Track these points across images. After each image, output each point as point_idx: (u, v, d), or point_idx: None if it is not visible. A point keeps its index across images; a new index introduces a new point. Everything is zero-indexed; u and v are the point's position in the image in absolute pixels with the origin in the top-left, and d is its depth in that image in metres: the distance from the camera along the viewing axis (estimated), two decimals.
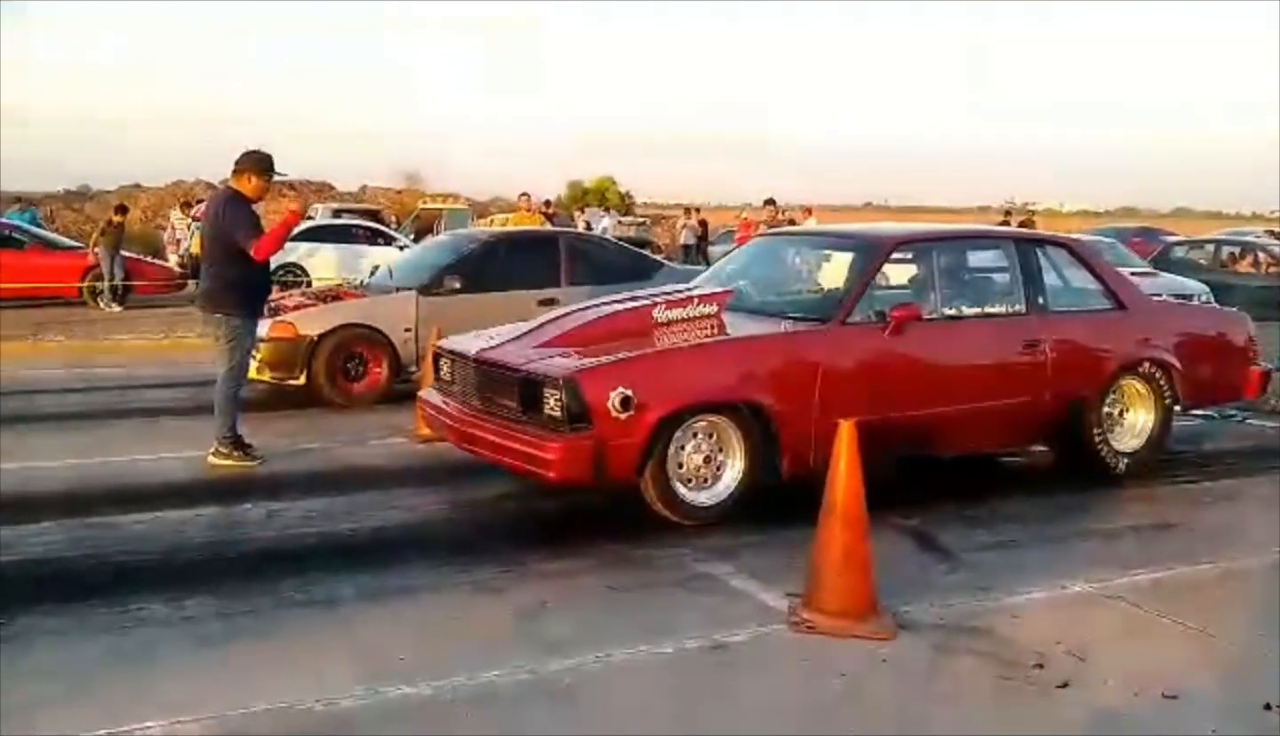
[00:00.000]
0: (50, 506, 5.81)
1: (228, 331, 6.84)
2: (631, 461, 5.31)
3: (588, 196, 41.44)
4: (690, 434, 5.51)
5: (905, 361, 5.99)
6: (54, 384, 10.26)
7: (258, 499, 6.05)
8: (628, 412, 5.21)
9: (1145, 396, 6.81)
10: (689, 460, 5.52)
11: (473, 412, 5.90)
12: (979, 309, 6.53)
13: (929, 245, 6.65)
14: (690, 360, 5.65)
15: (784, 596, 4.50)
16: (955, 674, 3.92)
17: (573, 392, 5.20)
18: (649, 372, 5.43)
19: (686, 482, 5.52)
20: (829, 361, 5.74)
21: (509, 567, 4.97)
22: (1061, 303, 6.69)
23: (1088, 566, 5.04)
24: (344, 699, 3.57)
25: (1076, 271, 6.96)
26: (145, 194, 31.97)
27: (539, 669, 3.83)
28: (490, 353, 5.87)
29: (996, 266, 6.85)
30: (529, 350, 5.72)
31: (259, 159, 6.98)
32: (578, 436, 5.20)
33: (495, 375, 5.74)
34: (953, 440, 6.24)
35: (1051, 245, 7.07)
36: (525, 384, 5.46)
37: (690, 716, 3.58)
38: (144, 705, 3.48)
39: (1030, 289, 6.52)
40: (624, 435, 5.24)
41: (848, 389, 5.73)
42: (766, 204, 18.77)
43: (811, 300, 6.65)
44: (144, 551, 5.15)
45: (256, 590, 4.63)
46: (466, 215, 25.72)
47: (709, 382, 5.54)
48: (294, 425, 8.09)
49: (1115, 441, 6.72)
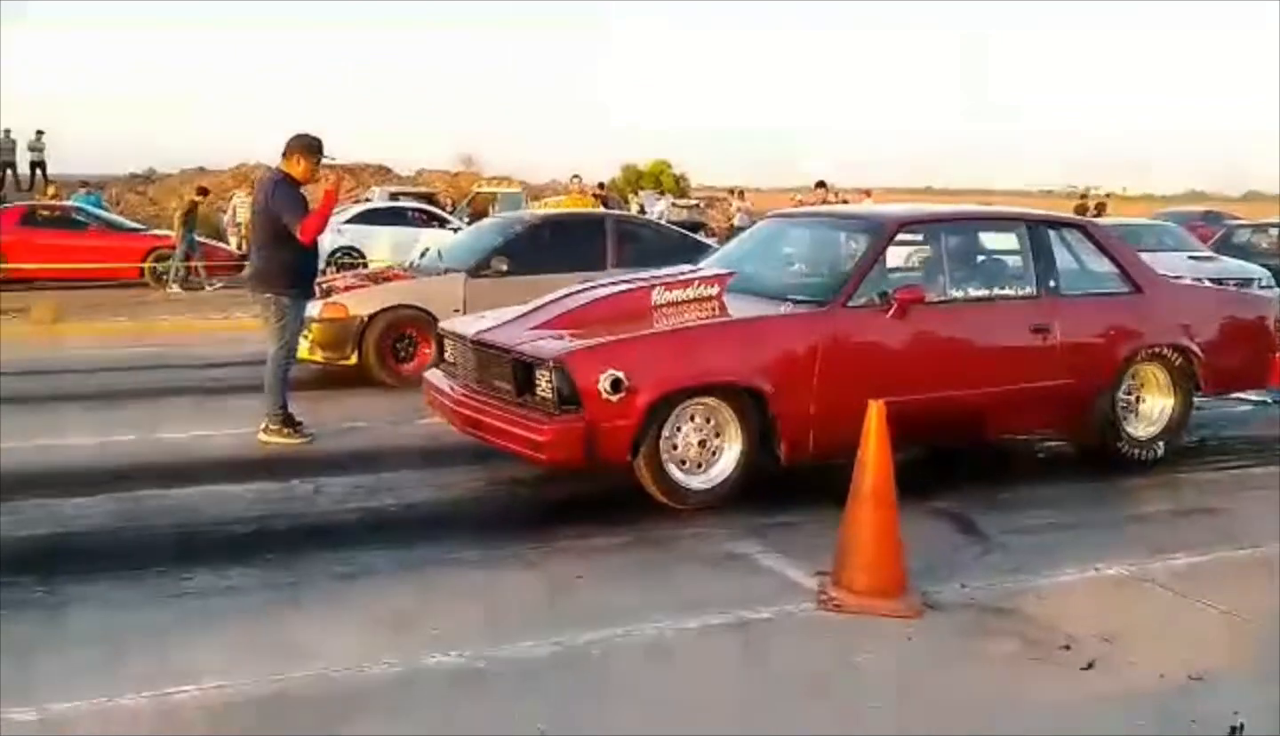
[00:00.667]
0: (105, 480, 6.00)
1: (277, 311, 6.99)
2: (623, 444, 5.26)
3: (643, 179, 41.41)
4: (686, 417, 5.44)
5: (908, 345, 5.85)
6: (112, 362, 10.51)
7: (306, 475, 6.19)
8: (619, 395, 5.16)
9: (1163, 382, 6.65)
10: (684, 443, 5.45)
11: (470, 394, 5.90)
12: (987, 291, 6.37)
13: (937, 226, 6.54)
14: (684, 342, 5.58)
15: (813, 575, 4.54)
16: (980, 653, 3.95)
17: (562, 375, 5.18)
18: (641, 355, 5.37)
19: (681, 465, 5.46)
20: (828, 344, 5.62)
21: (544, 543, 5.06)
22: (1074, 285, 6.51)
23: (1122, 550, 5.03)
24: (377, 666, 3.68)
25: (1091, 254, 6.77)
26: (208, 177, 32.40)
27: (568, 641, 3.92)
28: (486, 334, 5.85)
29: (1007, 248, 6.69)
30: (525, 331, 5.69)
31: (308, 142, 7.10)
32: (568, 419, 5.18)
33: (491, 356, 5.72)
34: (960, 426, 6.08)
35: (1065, 227, 6.88)
36: (518, 365, 5.45)
37: (714, 689, 3.65)
38: (183, 671, 3.61)
39: (1041, 271, 6.36)
40: (615, 418, 5.19)
41: (848, 373, 5.63)
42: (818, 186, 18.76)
43: (813, 282, 6.41)
44: (192, 524, 5.31)
45: (299, 562, 4.76)
46: (520, 198, 25.91)
47: (702, 365, 5.44)
48: (344, 404, 8.25)
49: (1131, 428, 6.57)
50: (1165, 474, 6.48)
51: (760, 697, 3.58)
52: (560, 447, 5.21)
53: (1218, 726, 3.33)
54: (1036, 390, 6.19)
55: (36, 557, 4.77)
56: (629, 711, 3.44)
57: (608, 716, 3.42)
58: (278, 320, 7.01)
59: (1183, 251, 14.92)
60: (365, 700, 3.48)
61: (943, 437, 6.26)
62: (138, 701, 3.40)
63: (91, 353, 11.14)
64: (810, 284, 6.34)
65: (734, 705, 3.53)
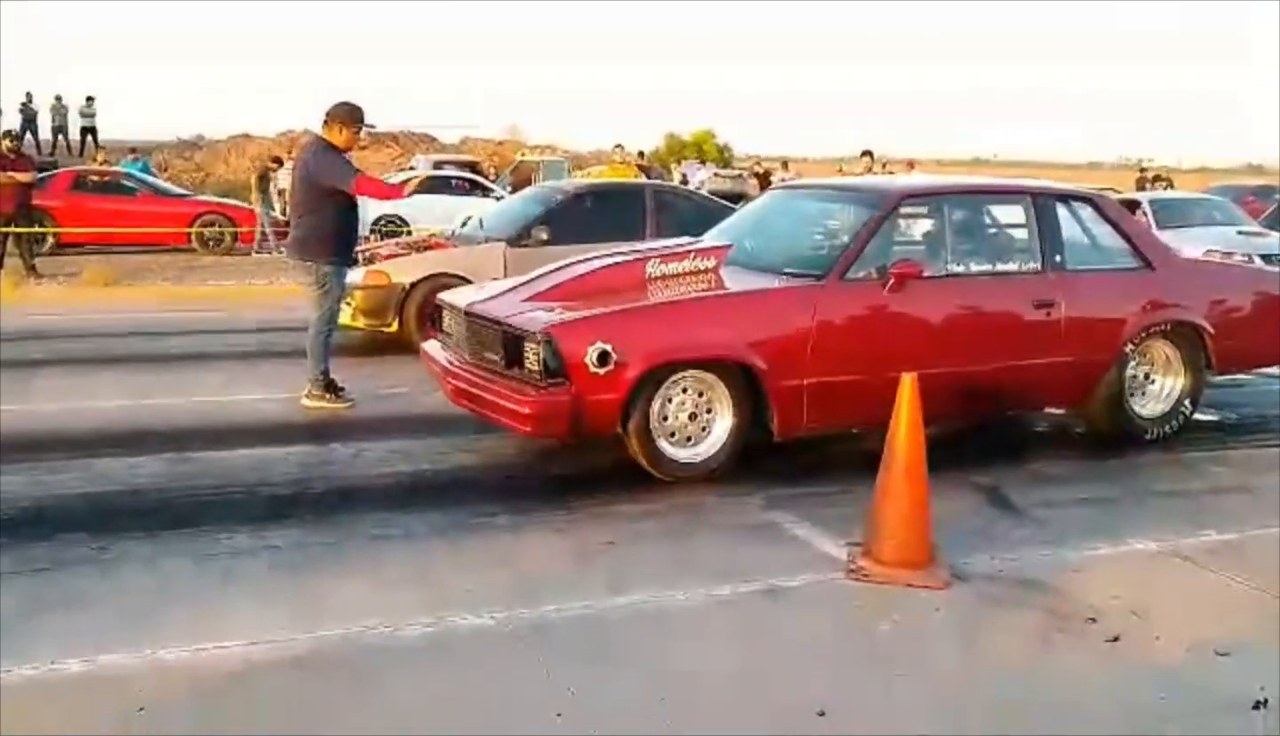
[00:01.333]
0: (153, 441, 6.15)
1: (318, 278, 7.09)
2: (611, 417, 5.26)
3: (686, 149, 41.32)
4: (676, 390, 5.41)
5: (906, 320, 5.75)
6: (163, 326, 10.70)
7: (346, 439, 6.31)
8: (606, 368, 5.14)
9: (1173, 360, 6.53)
10: (674, 417, 5.43)
11: (463, 365, 5.91)
12: (990, 265, 6.22)
13: (940, 199, 6.41)
14: (673, 315, 5.52)
15: (843, 545, 4.58)
16: (1005, 624, 3.97)
17: (549, 347, 5.17)
18: (629, 327, 5.32)
19: (671, 438, 5.43)
20: (822, 318, 5.54)
21: (577, 510, 5.13)
22: (1081, 260, 6.36)
23: (1155, 525, 5.02)
24: (410, 626, 3.77)
25: (1101, 228, 6.61)
26: (254, 143, 32.72)
27: (598, 604, 3.99)
28: (479, 305, 5.85)
29: (1013, 222, 6.54)
30: (517, 303, 5.68)
31: (350, 110, 7.16)
32: (555, 391, 5.17)
33: (482, 328, 5.73)
34: (960, 402, 5.96)
35: (1074, 200, 6.70)
36: (508, 337, 5.45)
37: (738, 656, 3.70)
38: (224, 627, 3.72)
39: (1047, 246, 6.22)
40: (603, 391, 5.18)
41: (842, 348, 5.59)
42: (863, 155, 18.57)
43: (810, 255, 6.24)
44: (235, 485, 5.43)
45: (337, 523, 4.87)
46: (563, 167, 25.92)
47: (692, 338, 5.39)
48: (386, 370, 8.34)
49: (1140, 406, 6.49)
50: (1197, 450, 6.44)
51: (784, 665, 3.64)
52: (545, 420, 5.22)
53: (1243, 701, 3.35)
54: (1040, 367, 6.10)
55: (89, 515, 4.91)
56: (655, 675, 3.50)
57: (634, 679, 3.48)
58: (319, 287, 7.10)
59: (1233, 226, 14.72)
60: (398, 658, 3.57)
61: (942, 413, 6.01)
62: (179, 655, 3.51)
63: (143, 316, 11.35)
64: (808, 256, 6.21)
65: (757, 672, 3.58)
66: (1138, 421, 6.47)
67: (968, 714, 3.34)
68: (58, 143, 29.31)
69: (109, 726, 3.12)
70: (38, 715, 3.17)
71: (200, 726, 3.15)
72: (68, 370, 8.42)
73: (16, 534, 4.63)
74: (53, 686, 3.33)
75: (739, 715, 3.28)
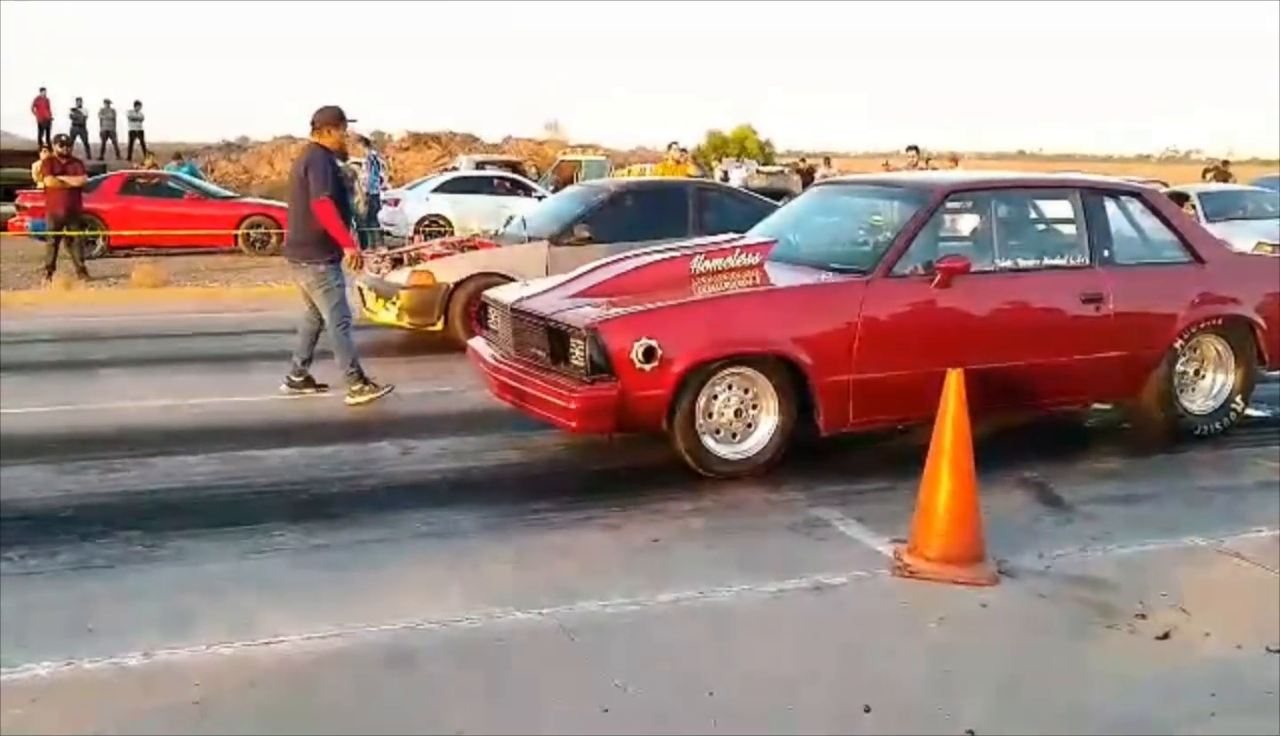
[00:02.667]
0: (204, 440, 6.25)
1: (316, 278, 7.24)
2: (656, 413, 5.28)
3: (727, 146, 41.24)
4: (722, 386, 5.41)
5: (952, 316, 5.73)
6: (210, 326, 10.87)
7: (394, 436, 6.38)
8: (652, 364, 5.16)
9: (1223, 355, 6.47)
10: (719, 413, 5.44)
11: (508, 361, 5.96)
12: (1037, 261, 6.18)
13: (987, 194, 6.35)
14: (719, 311, 5.53)
15: (890, 542, 4.58)
16: (1053, 621, 3.96)
17: (595, 343, 5.19)
18: (674, 323, 5.34)
19: (716, 435, 5.45)
20: (868, 314, 5.53)
21: (625, 506, 5.15)
22: (1130, 255, 6.32)
23: (1206, 521, 4.98)
24: (459, 621, 3.81)
25: (1149, 222, 6.55)
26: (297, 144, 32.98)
27: (645, 601, 4.01)
28: (525, 302, 5.87)
29: (1060, 217, 6.49)
30: (562, 300, 5.71)
31: (335, 113, 7.38)
32: (601, 387, 5.20)
33: (528, 324, 5.76)
34: (1006, 399, 5.90)
35: (1122, 194, 6.65)
36: (553, 333, 5.48)
37: (784, 652, 3.71)
38: (272, 623, 3.78)
39: (1095, 240, 6.18)
40: (648, 387, 5.20)
41: (889, 344, 5.57)
42: (909, 150, 18.56)
43: (855, 251, 6.26)
44: (284, 483, 5.51)
45: (385, 520, 4.93)
46: (605, 165, 25.98)
47: (738, 334, 5.39)
48: (431, 369, 8.43)
49: (1189, 402, 6.42)
50: (1249, 447, 6.36)
51: (831, 662, 3.65)
52: (591, 415, 5.25)
53: None
54: (1088, 362, 6.07)
55: (140, 513, 5.01)
56: (702, 671, 3.52)
57: (681, 675, 3.50)
58: (321, 286, 7.25)
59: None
60: (447, 654, 3.61)
61: (988, 409, 5.91)
62: (233, 649, 3.57)
63: (192, 317, 11.53)
64: (853, 252, 6.23)
65: (804, 669, 3.59)
66: (1187, 417, 6.41)
67: (1014, 711, 3.33)
68: (106, 147, 29.78)
69: (165, 719, 3.17)
70: (98, 707, 3.24)
71: (254, 720, 3.20)
72: (117, 371, 8.58)
73: (73, 530, 4.74)
74: (107, 682, 3.39)
75: (785, 711, 3.29)
